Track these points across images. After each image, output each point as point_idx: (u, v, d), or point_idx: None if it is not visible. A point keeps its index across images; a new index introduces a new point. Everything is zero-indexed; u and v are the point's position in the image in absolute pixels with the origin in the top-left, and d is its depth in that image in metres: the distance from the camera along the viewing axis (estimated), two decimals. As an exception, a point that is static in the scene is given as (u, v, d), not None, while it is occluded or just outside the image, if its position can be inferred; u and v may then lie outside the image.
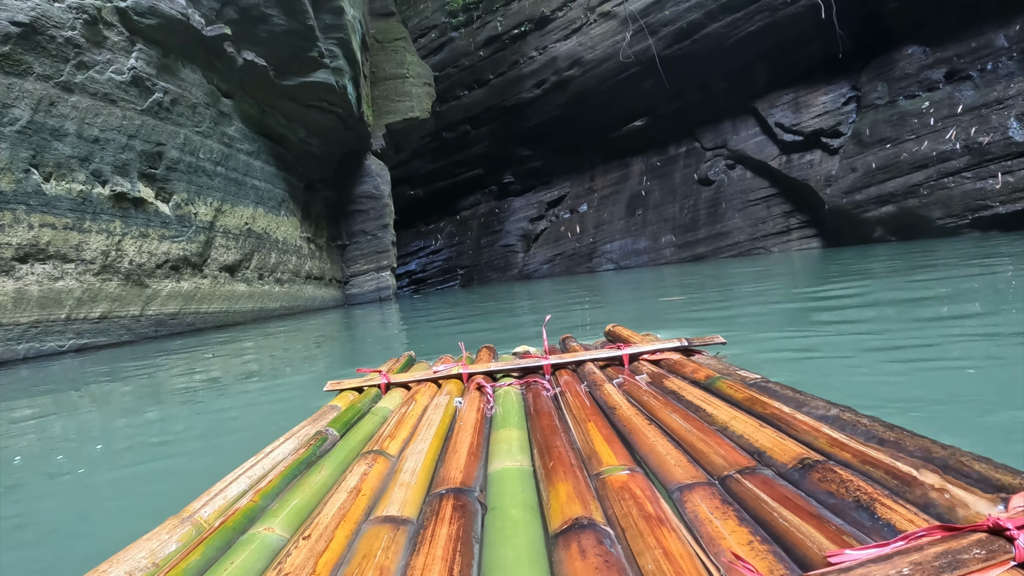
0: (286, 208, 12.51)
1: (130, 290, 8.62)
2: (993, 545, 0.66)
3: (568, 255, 20.54)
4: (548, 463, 1.16)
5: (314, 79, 11.53)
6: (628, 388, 1.75)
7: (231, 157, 10.66)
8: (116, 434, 2.91)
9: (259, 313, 11.35)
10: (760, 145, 17.99)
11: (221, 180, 10.39)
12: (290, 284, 12.46)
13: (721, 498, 0.93)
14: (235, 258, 10.67)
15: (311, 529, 0.95)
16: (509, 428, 1.44)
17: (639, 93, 19.09)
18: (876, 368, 2.46)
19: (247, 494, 1.17)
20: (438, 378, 2.13)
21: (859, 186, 15.54)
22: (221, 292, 10.29)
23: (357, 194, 14.75)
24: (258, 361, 5.53)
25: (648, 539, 0.80)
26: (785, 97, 17.71)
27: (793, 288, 6.64)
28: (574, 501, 0.94)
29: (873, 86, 16.47)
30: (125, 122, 8.60)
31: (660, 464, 1.11)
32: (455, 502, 0.99)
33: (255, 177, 11.40)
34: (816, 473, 0.93)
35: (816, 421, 1.18)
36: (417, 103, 15.52)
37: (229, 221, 10.55)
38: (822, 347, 3.02)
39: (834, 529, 0.77)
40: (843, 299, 4.90)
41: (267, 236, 11.68)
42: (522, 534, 0.89)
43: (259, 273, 11.41)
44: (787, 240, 17.44)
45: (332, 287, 14.69)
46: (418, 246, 24.16)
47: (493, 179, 22.61)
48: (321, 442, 1.47)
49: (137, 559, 0.95)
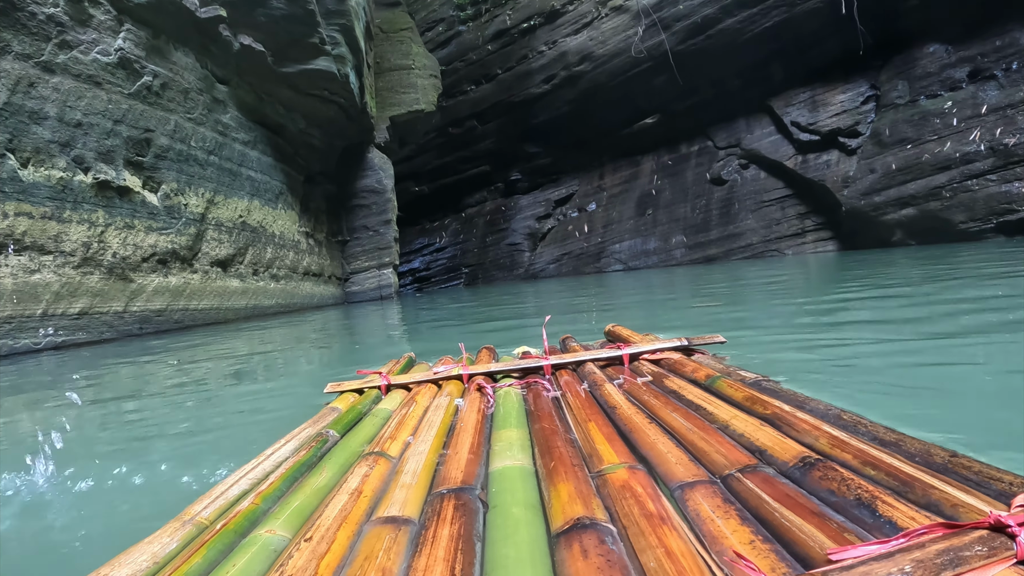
0: (284, 201, 12.03)
1: (113, 285, 8.17)
2: (995, 542, 0.65)
3: (576, 255, 20.19)
4: (549, 463, 1.16)
5: (314, 66, 11.05)
6: (628, 388, 1.74)
7: (225, 146, 10.20)
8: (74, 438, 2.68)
9: (253, 310, 10.87)
10: (775, 144, 17.59)
11: (214, 170, 9.94)
12: (287, 280, 11.97)
13: (723, 496, 0.93)
14: (228, 252, 10.21)
15: (313, 531, 0.95)
16: (510, 428, 1.44)
17: (650, 89, 18.71)
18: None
19: (248, 496, 1.16)
20: (438, 379, 2.12)
21: (878, 187, 15.11)
22: (212, 288, 9.83)
23: (359, 188, 14.24)
24: (246, 362, 5.07)
25: (650, 538, 0.80)
26: (801, 95, 17.33)
27: (845, 294, 6.13)
28: (575, 501, 0.94)
29: (893, 85, 16.06)
30: (111, 106, 8.16)
31: (661, 462, 1.11)
32: (456, 502, 1.00)
33: (251, 168, 10.94)
34: (817, 471, 0.94)
35: (817, 420, 1.18)
36: (423, 95, 15.03)
37: (222, 213, 10.09)
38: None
39: (835, 527, 0.77)
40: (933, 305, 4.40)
41: (263, 230, 11.21)
42: (524, 532, 0.89)
43: (253, 268, 10.94)
44: (802, 242, 17.03)
45: (332, 284, 14.19)
46: (422, 243, 23.89)
47: (500, 176, 22.28)
48: (322, 444, 1.47)
49: (138, 562, 0.95)
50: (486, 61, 20.69)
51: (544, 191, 21.56)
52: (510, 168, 21.92)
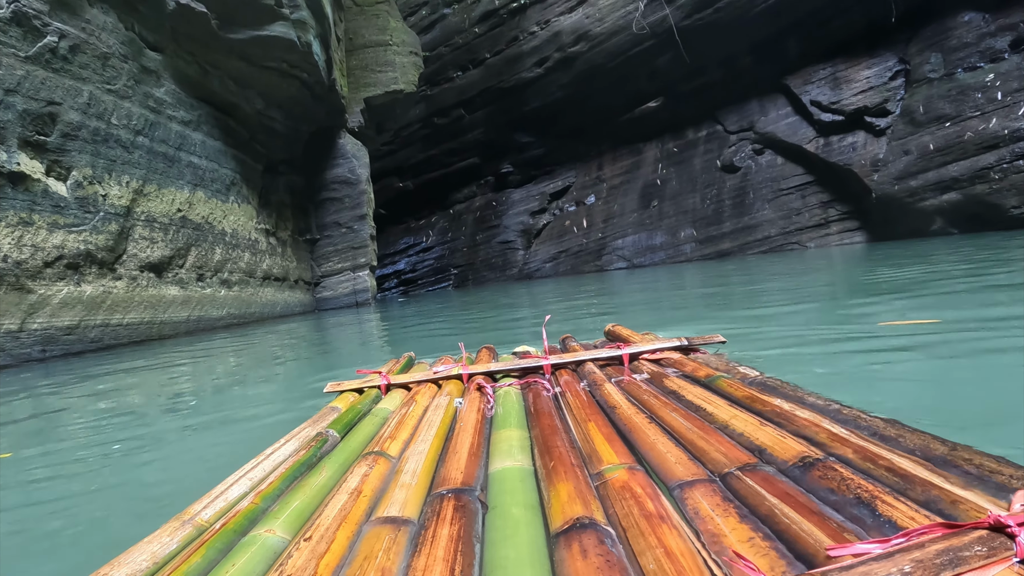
0: (237, 193, 10.24)
1: (4, 296, 6.40)
2: (994, 542, 0.64)
3: (574, 252, 19.02)
4: (549, 463, 1.13)
5: (270, 32, 9.31)
6: (628, 387, 1.71)
7: (159, 125, 8.43)
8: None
9: (198, 323, 9.09)
10: (793, 127, 16.22)
11: (144, 154, 8.17)
12: (241, 287, 10.19)
13: (722, 495, 0.91)
14: (163, 254, 8.43)
15: (312, 531, 0.93)
16: (509, 428, 1.41)
17: (654, 70, 17.42)
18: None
19: (248, 496, 1.14)
20: (438, 379, 2.07)
21: (914, 171, 13.65)
22: (143, 298, 8.06)
23: (329, 179, 12.47)
24: (151, 403, 3.35)
25: (649, 538, 0.78)
26: (822, 72, 15.93)
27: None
28: (575, 501, 0.92)
29: (925, 57, 14.67)
30: (2, 71, 6.45)
31: (661, 462, 1.08)
32: (456, 502, 0.97)
33: (194, 153, 9.17)
34: (817, 470, 0.92)
35: (817, 417, 1.17)
36: (402, 74, 13.32)
37: (155, 206, 8.31)
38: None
39: (835, 526, 0.76)
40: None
41: (210, 227, 9.43)
42: (523, 533, 0.87)
43: (198, 273, 9.16)
44: (825, 234, 15.62)
45: (298, 290, 12.39)
46: (407, 243, 22.64)
47: (490, 169, 21.17)
48: (321, 444, 1.43)
49: (138, 561, 0.93)
50: (473, 45, 19.53)
51: (538, 184, 20.41)
52: (501, 160, 20.79)
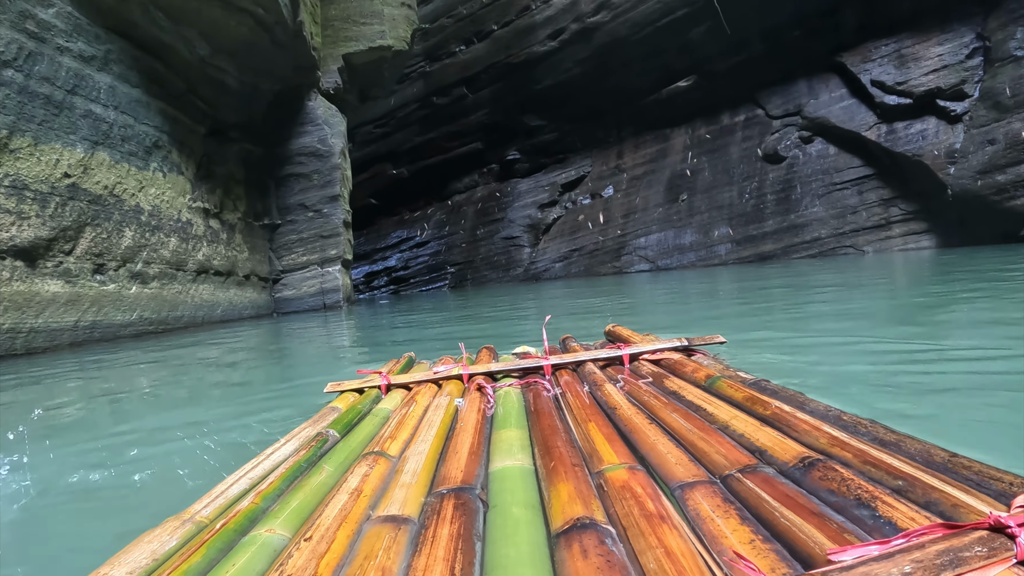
0: (163, 159, 7.96)
1: None
2: (994, 543, 0.65)
3: (588, 251, 17.26)
4: (549, 463, 1.14)
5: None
6: (629, 388, 1.73)
7: (39, 58, 6.18)
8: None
9: (90, 331, 6.80)
10: (848, 111, 14.14)
11: (13, 94, 5.89)
12: (163, 282, 7.89)
13: (722, 496, 0.92)
14: (38, 234, 6.18)
15: (312, 530, 0.93)
16: (510, 428, 1.43)
17: (685, 44, 15.48)
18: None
19: (248, 495, 1.15)
20: (438, 379, 2.08)
21: (1000, 163, 11.55)
22: (3, 295, 5.78)
23: (294, 150, 10.21)
24: None
25: (650, 538, 0.79)
26: (884, 48, 13.91)
27: None
28: (575, 501, 0.93)
29: (1009, 32, 12.61)
30: None
31: (661, 462, 1.09)
32: (456, 501, 0.98)
33: (96, 100, 6.91)
34: (817, 472, 0.93)
35: (817, 420, 1.16)
36: (390, 28, 11.11)
37: (27, 168, 6.06)
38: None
39: (835, 527, 0.76)
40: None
41: (116, 200, 7.14)
42: (524, 532, 0.88)
43: (95, 263, 6.88)
44: (886, 237, 13.58)
45: (250, 288, 10.10)
46: (399, 237, 20.82)
47: (494, 155, 19.74)
48: (322, 443, 1.44)
49: (138, 560, 0.93)
50: (478, 16, 17.80)
51: (548, 173, 18.93)
52: (507, 145, 19.31)
